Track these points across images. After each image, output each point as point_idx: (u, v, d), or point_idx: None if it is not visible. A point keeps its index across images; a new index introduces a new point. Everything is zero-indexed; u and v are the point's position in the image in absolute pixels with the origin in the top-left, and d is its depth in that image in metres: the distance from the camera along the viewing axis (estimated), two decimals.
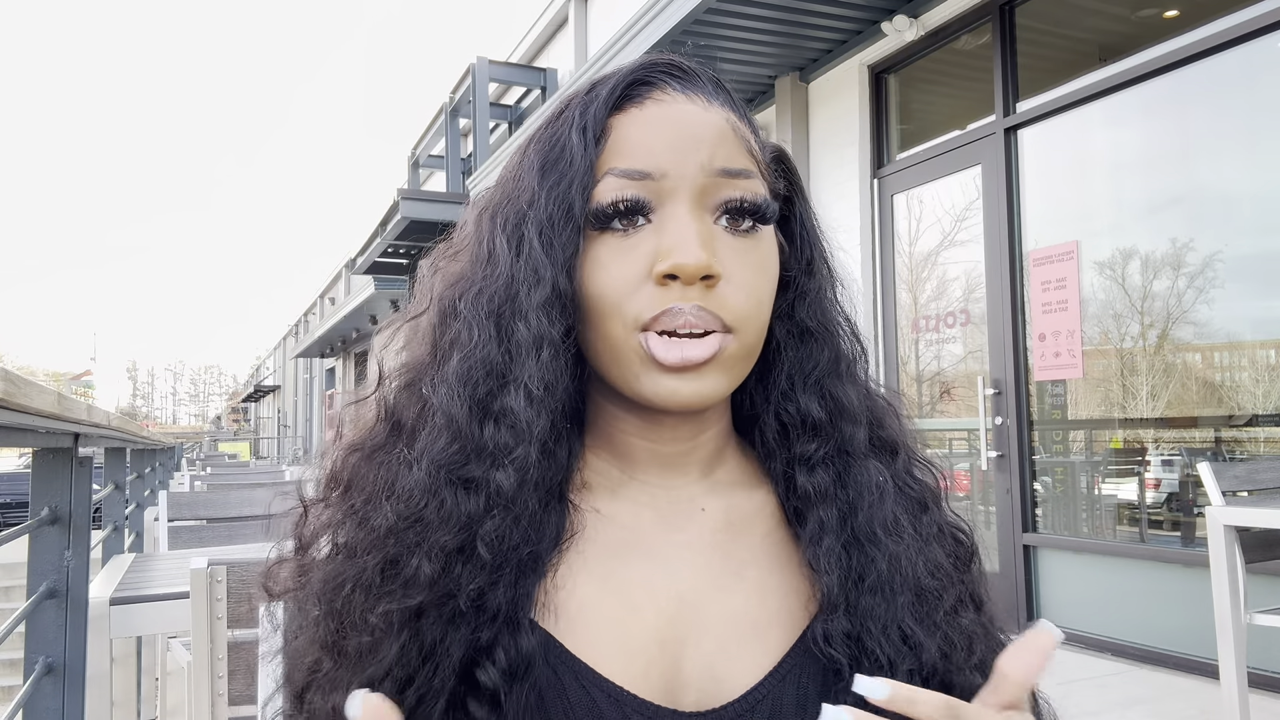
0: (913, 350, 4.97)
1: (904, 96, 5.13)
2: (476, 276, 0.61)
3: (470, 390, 0.58)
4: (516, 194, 0.62)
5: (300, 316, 29.45)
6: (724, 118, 0.61)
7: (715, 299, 0.57)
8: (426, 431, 0.58)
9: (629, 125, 0.60)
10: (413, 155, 13.42)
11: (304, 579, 0.61)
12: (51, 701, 1.56)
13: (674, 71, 0.63)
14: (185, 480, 6.16)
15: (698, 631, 0.59)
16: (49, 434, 1.54)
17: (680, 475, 0.64)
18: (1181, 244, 3.64)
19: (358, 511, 0.59)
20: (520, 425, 0.57)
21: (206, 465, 10.63)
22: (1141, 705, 3.12)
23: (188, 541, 3.12)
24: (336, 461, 0.63)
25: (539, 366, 0.57)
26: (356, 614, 0.55)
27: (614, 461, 0.64)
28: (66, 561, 1.60)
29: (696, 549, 0.62)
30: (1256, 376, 3.48)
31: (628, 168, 0.59)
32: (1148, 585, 3.65)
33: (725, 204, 0.60)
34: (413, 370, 0.63)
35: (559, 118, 0.63)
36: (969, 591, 0.65)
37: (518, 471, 0.56)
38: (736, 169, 0.60)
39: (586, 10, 9.57)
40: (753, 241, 0.60)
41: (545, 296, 0.58)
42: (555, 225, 0.59)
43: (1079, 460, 4.16)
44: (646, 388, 0.58)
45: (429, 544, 0.55)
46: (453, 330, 0.60)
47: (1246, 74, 3.40)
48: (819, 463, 0.63)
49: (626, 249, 0.59)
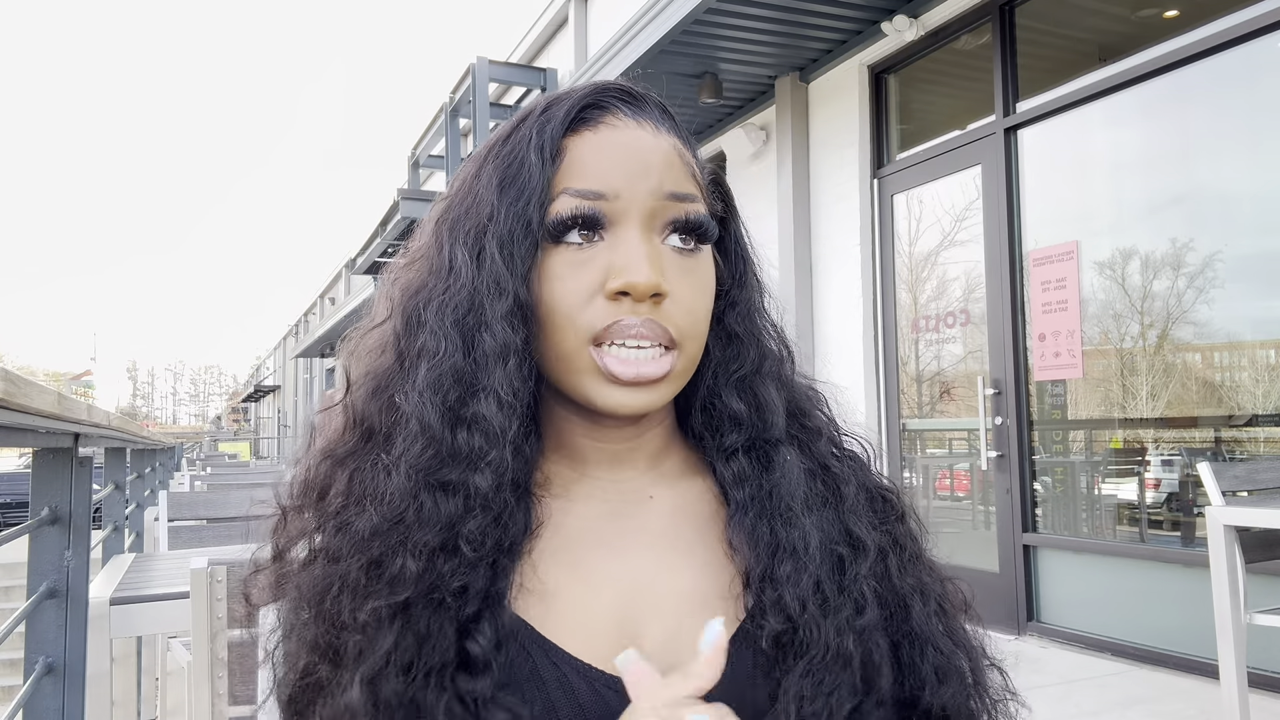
0: (913, 350, 4.97)
1: (904, 96, 5.13)
2: (438, 287, 0.65)
3: (441, 398, 0.61)
4: (475, 208, 0.65)
5: (300, 316, 29.45)
6: (671, 144, 0.66)
7: (662, 314, 0.62)
8: (401, 438, 0.61)
9: (583, 147, 0.64)
10: (413, 155, 13.41)
11: (284, 585, 0.64)
12: (51, 701, 1.56)
13: (625, 97, 0.67)
14: (185, 480, 6.17)
15: (652, 609, 0.64)
16: (49, 434, 1.54)
17: (629, 468, 0.69)
18: (1181, 244, 3.64)
19: (336, 516, 0.62)
20: (494, 430, 0.61)
21: (206, 465, 10.64)
22: (1141, 705, 3.12)
23: (188, 541, 3.12)
24: (310, 468, 0.66)
25: (506, 374, 0.61)
26: (346, 614, 0.58)
27: (566, 461, 0.69)
28: (66, 561, 1.60)
29: (647, 534, 0.67)
30: (1256, 376, 3.48)
31: (583, 188, 0.63)
32: (1148, 585, 3.65)
33: (672, 223, 0.64)
34: (379, 378, 0.65)
35: (514, 135, 0.66)
36: (905, 546, 0.70)
37: (495, 474, 0.60)
38: (683, 193, 0.65)
39: (586, 10, 9.56)
40: (695, 261, 0.65)
41: (508, 307, 0.62)
42: (515, 239, 0.63)
43: (1079, 460, 4.16)
44: (597, 398, 0.63)
45: (412, 543, 0.58)
46: (419, 340, 0.63)
47: (1246, 74, 3.40)
48: (739, 450, 0.69)
49: (580, 263, 0.63)
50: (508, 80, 10.89)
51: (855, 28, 4.92)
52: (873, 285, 5.10)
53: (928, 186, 4.82)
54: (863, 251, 5.10)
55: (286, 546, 0.65)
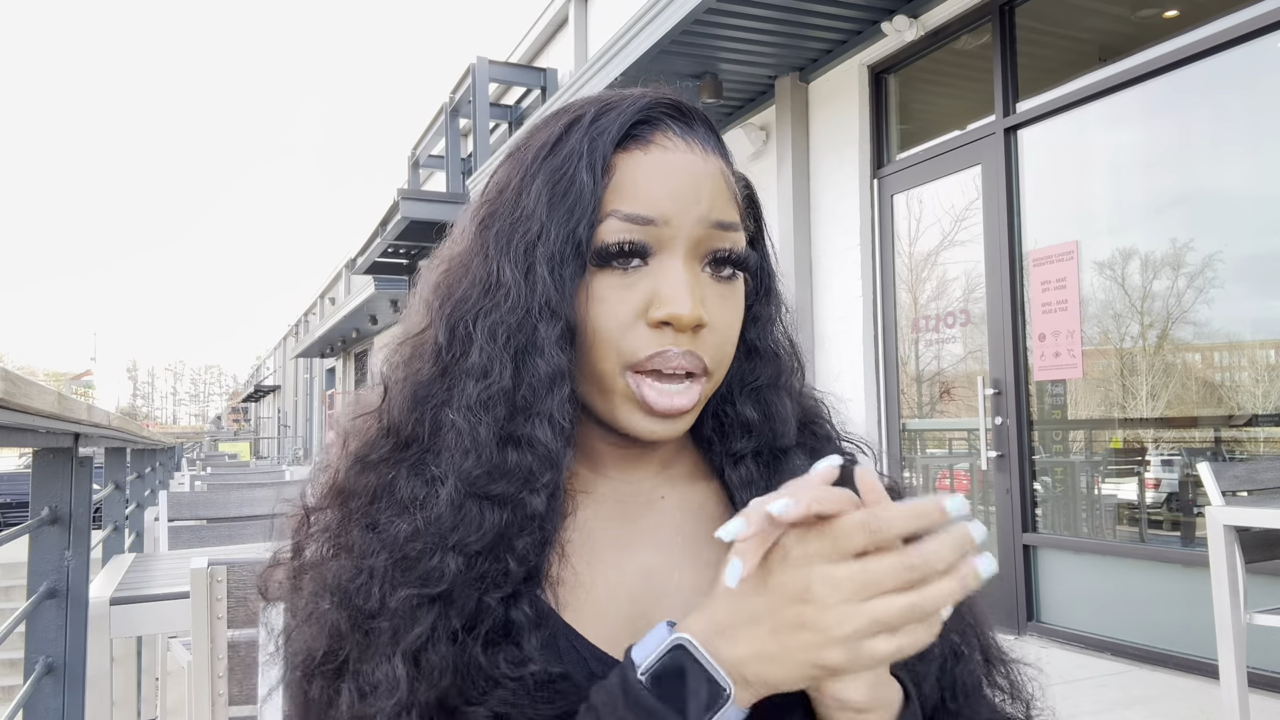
0: (913, 350, 4.97)
1: (904, 96, 5.13)
2: (485, 302, 0.64)
3: (492, 417, 0.62)
4: (523, 221, 0.65)
5: (300, 316, 29.45)
6: (718, 168, 0.67)
7: (700, 344, 0.64)
8: (449, 451, 0.62)
9: (634, 168, 0.64)
10: (413, 155, 13.41)
11: (302, 578, 0.64)
12: (52, 701, 1.56)
13: (674, 114, 0.67)
14: (185, 480, 6.16)
15: (664, 601, 0.66)
16: (49, 434, 1.54)
17: (641, 471, 0.71)
18: (1181, 244, 3.64)
19: (366, 516, 0.62)
20: (551, 454, 0.62)
21: (206, 465, 10.64)
22: (1141, 705, 3.12)
23: (188, 541, 3.12)
24: (339, 473, 0.66)
25: (561, 400, 0.62)
26: (375, 601, 0.58)
27: (585, 462, 0.70)
28: (66, 561, 1.61)
29: (658, 532, 0.69)
30: (1256, 376, 3.48)
31: (633, 212, 0.63)
32: (1148, 585, 3.65)
33: (714, 253, 0.65)
34: (419, 387, 0.65)
35: (562, 145, 0.65)
36: None
37: (549, 496, 0.62)
38: (728, 222, 0.66)
39: (586, 10, 9.56)
40: (730, 288, 0.67)
41: (560, 331, 0.62)
42: (565, 260, 0.63)
43: (1079, 460, 4.15)
44: (628, 423, 0.64)
45: (455, 542, 0.59)
46: (469, 358, 0.63)
47: (1246, 74, 3.40)
48: (748, 455, 0.71)
49: (624, 287, 0.63)
50: (508, 80, 10.90)
51: (855, 28, 4.92)
52: (873, 285, 5.10)
53: (928, 186, 4.82)
54: (863, 251, 5.10)
55: (308, 544, 0.65)
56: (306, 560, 0.64)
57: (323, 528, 0.65)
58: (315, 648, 0.60)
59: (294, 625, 0.63)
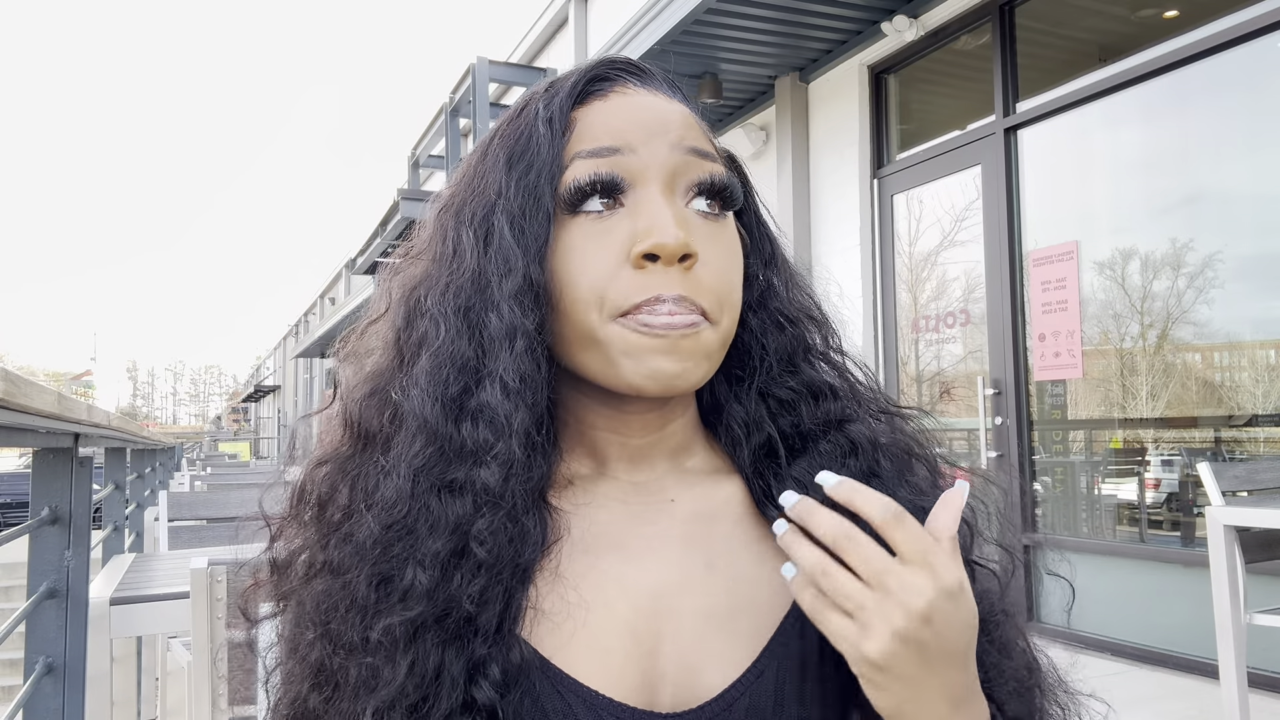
0: (913, 350, 4.96)
1: (904, 97, 5.13)
2: (441, 274, 0.60)
3: (442, 389, 0.57)
4: (482, 188, 0.61)
5: (300, 317, 29.44)
6: (683, 109, 0.63)
7: (693, 283, 0.57)
8: (400, 437, 0.57)
9: (593, 114, 0.61)
10: (413, 155, 13.40)
11: (287, 599, 0.60)
12: (52, 701, 1.56)
13: (632, 70, 0.64)
14: (185, 480, 6.16)
15: (671, 626, 0.59)
16: (49, 434, 1.54)
17: (649, 468, 0.64)
18: (1181, 244, 3.64)
19: (338, 528, 0.58)
20: (499, 420, 0.56)
21: (206, 465, 10.63)
22: (1141, 705, 3.12)
23: (188, 541, 3.12)
24: (303, 477, 0.62)
25: (513, 358, 0.56)
26: (356, 634, 0.54)
27: (587, 459, 0.64)
28: (66, 561, 1.60)
29: (666, 541, 0.62)
30: (1256, 376, 3.48)
31: (595, 147, 0.59)
32: (1148, 585, 3.65)
33: (697, 184, 0.60)
34: (377, 377, 0.61)
35: (520, 114, 0.63)
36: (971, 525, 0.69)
37: (501, 467, 0.55)
38: (703, 149, 0.61)
39: (586, 10, 9.57)
40: (720, 227, 0.61)
41: (517, 286, 0.57)
42: (526, 213, 0.58)
43: (1079, 460, 4.15)
44: (627, 370, 0.57)
45: (421, 553, 0.54)
46: (419, 329, 0.59)
47: (1246, 74, 3.40)
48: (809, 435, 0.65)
49: (601, 233, 0.58)
50: (508, 80, 10.89)
51: (855, 28, 4.92)
52: (873, 285, 5.10)
53: (928, 186, 4.82)
54: (863, 251, 5.09)
55: (288, 560, 0.61)
56: (288, 579, 0.60)
57: (303, 543, 0.60)
58: (301, 686, 0.57)
59: (282, 658, 0.60)
